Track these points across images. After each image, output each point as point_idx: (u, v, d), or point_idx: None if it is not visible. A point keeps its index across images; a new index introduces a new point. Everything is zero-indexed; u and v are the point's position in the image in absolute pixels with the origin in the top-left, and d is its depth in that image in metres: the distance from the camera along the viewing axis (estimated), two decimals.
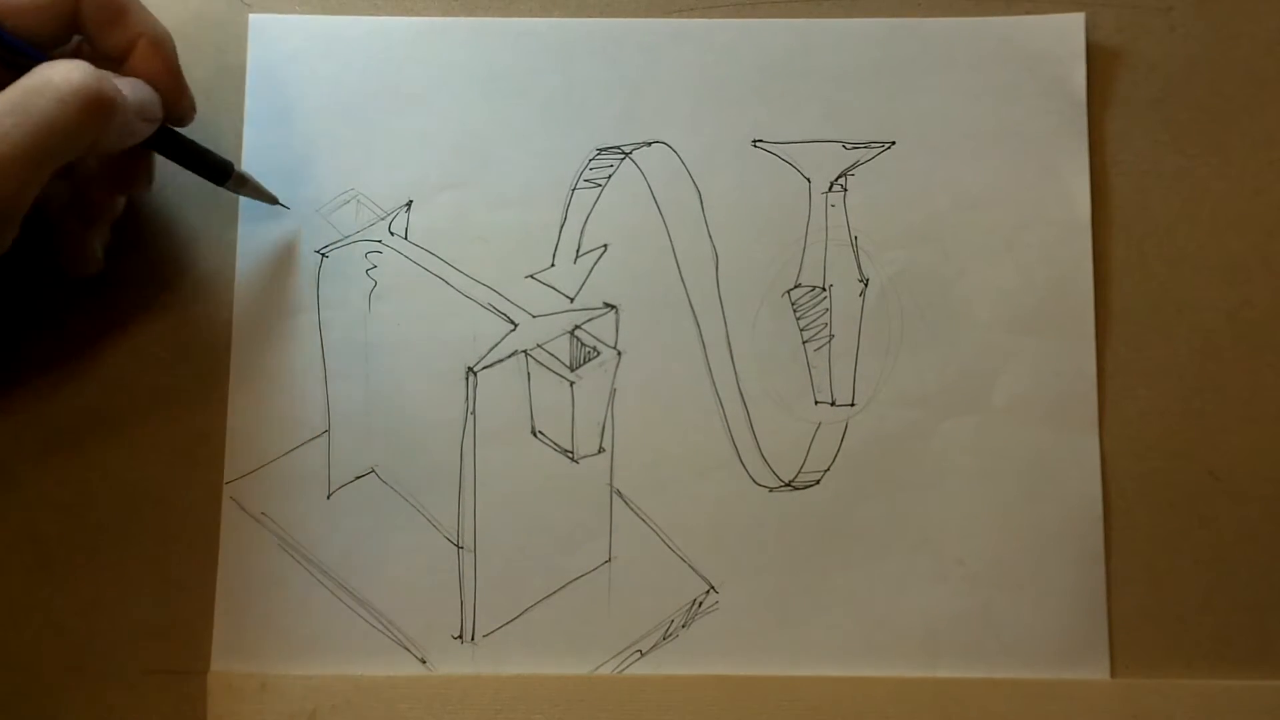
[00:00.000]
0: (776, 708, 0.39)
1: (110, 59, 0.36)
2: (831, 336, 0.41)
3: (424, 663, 0.39)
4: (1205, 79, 0.42)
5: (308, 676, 0.39)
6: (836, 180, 0.41)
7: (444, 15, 0.42)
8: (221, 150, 0.40)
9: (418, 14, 0.42)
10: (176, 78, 0.37)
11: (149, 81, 0.36)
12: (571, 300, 0.41)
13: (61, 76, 0.33)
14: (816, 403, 0.41)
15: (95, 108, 0.33)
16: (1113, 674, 0.39)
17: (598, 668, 0.39)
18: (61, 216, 0.38)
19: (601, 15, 0.42)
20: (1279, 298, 0.41)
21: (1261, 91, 0.42)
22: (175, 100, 0.37)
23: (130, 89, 0.35)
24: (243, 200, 0.41)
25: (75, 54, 0.37)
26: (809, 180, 0.41)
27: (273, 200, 0.41)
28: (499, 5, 0.42)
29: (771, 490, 0.40)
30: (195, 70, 0.42)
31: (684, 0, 0.42)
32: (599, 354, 0.41)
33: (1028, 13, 0.42)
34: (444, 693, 0.39)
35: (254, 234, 0.41)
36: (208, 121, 0.41)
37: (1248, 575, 0.40)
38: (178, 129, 0.38)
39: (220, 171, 0.39)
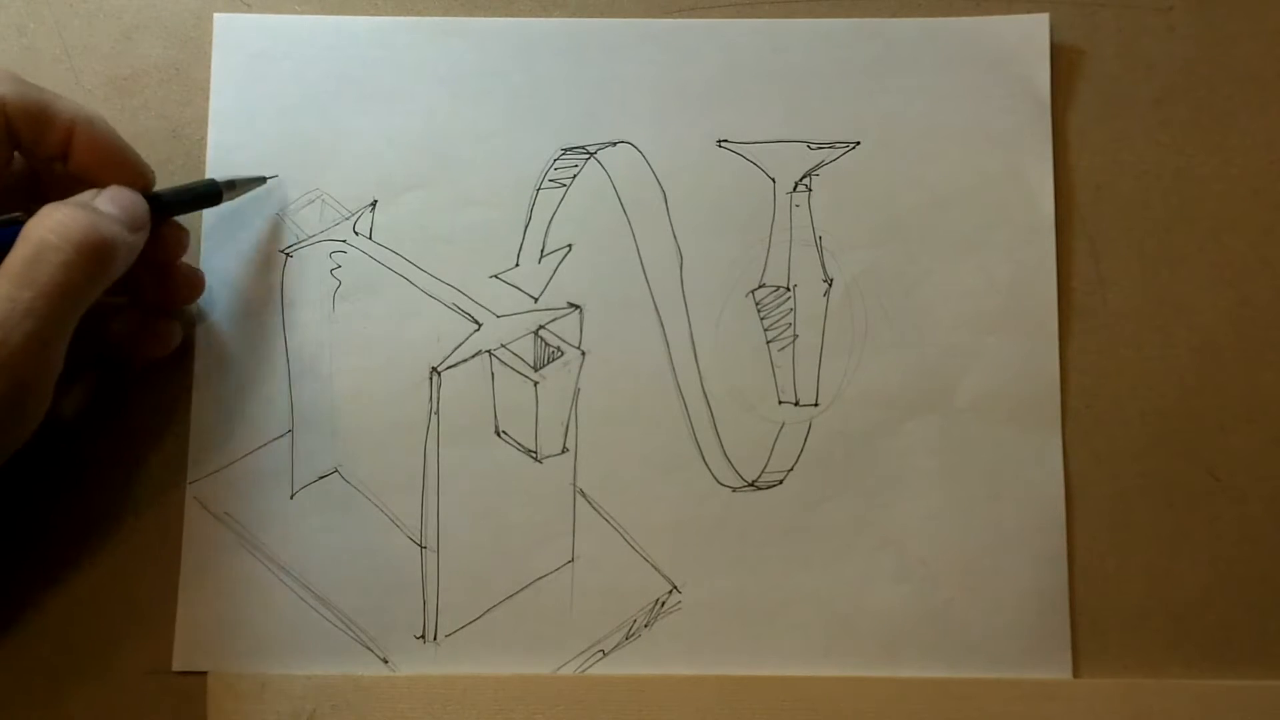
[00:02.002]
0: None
1: (50, 158, 0.36)
2: (795, 336, 0.41)
3: (386, 662, 0.39)
4: (1205, 79, 0.42)
5: (308, 676, 0.39)
6: (801, 180, 0.41)
7: (444, 15, 0.42)
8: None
9: (417, 14, 0.42)
10: (124, 150, 0.36)
11: (98, 165, 0.36)
12: (536, 300, 0.41)
13: (58, 235, 0.32)
14: (780, 403, 0.41)
15: (100, 255, 0.33)
16: (1075, 673, 0.39)
17: (560, 667, 0.39)
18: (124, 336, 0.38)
19: (602, 15, 0.42)
20: (1278, 298, 0.41)
21: (1261, 91, 0.42)
22: (133, 173, 0.37)
23: (112, 204, 0.34)
24: None
25: (18, 175, 0.36)
26: (774, 180, 0.41)
27: (261, 180, 0.40)
28: (499, 5, 0.42)
29: (735, 490, 0.40)
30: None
31: (684, 0, 0.42)
32: (563, 354, 0.41)
33: (999, 13, 0.42)
34: (444, 693, 0.39)
35: (218, 233, 0.41)
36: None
37: (1247, 575, 0.40)
38: (163, 190, 0.38)
39: (212, 196, 0.39)
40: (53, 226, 0.32)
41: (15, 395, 0.32)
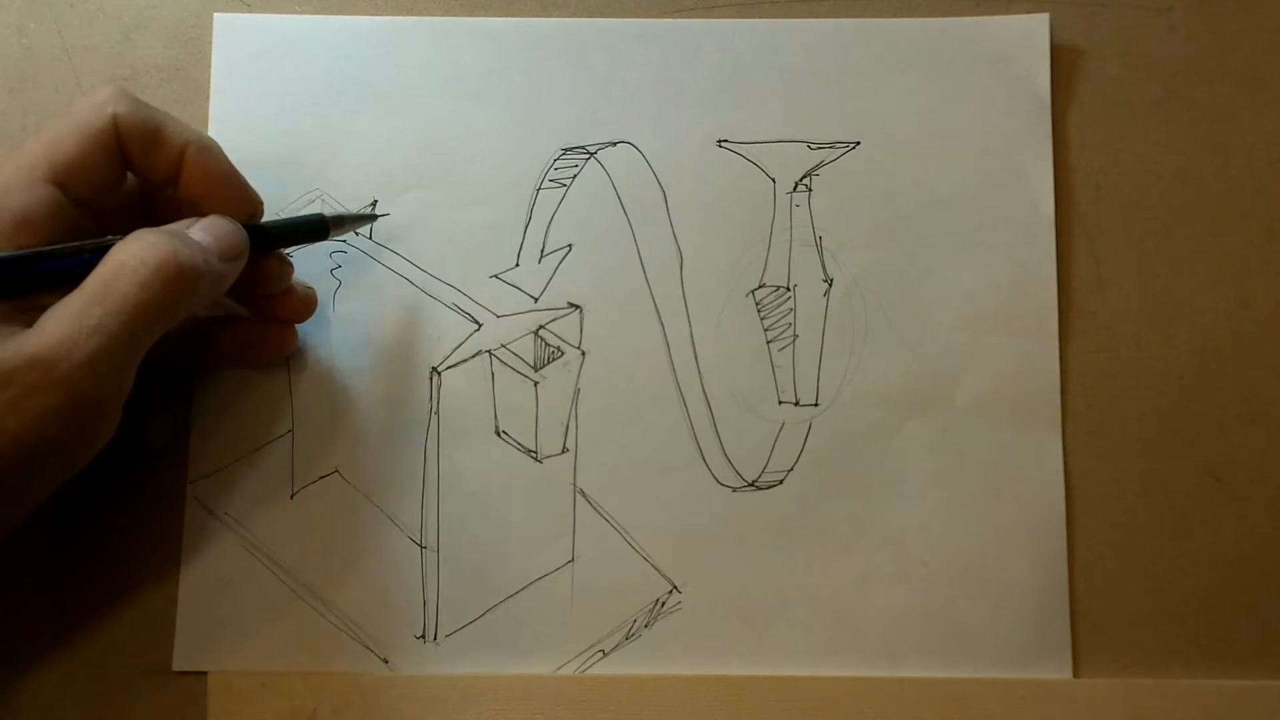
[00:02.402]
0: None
1: (162, 182, 0.36)
2: (795, 336, 0.41)
3: (386, 662, 0.39)
4: (1205, 79, 0.42)
5: (308, 676, 0.39)
6: (801, 180, 0.41)
7: (444, 15, 0.42)
8: None
9: (418, 14, 0.42)
10: (234, 179, 0.36)
11: (208, 191, 0.36)
12: (536, 300, 0.41)
13: (136, 258, 0.32)
14: (780, 403, 0.41)
15: (179, 281, 0.32)
16: (1075, 673, 0.39)
17: (560, 667, 0.39)
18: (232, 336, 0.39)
19: (602, 15, 0.42)
20: (1279, 298, 0.41)
21: (1261, 91, 0.42)
22: (242, 200, 0.37)
23: (205, 234, 0.34)
24: None
25: (130, 196, 0.36)
26: (774, 180, 0.41)
27: (373, 218, 0.40)
28: (499, 5, 0.42)
29: (735, 490, 0.40)
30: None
31: (684, 0, 0.42)
32: (563, 354, 0.41)
33: (999, 13, 0.42)
34: (444, 693, 0.39)
35: None
36: None
37: (1247, 575, 0.40)
38: (268, 221, 0.38)
39: (319, 230, 0.38)
40: (133, 250, 0.32)
41: (73, 412, 0.31)
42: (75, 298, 0.31)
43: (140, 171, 0.36)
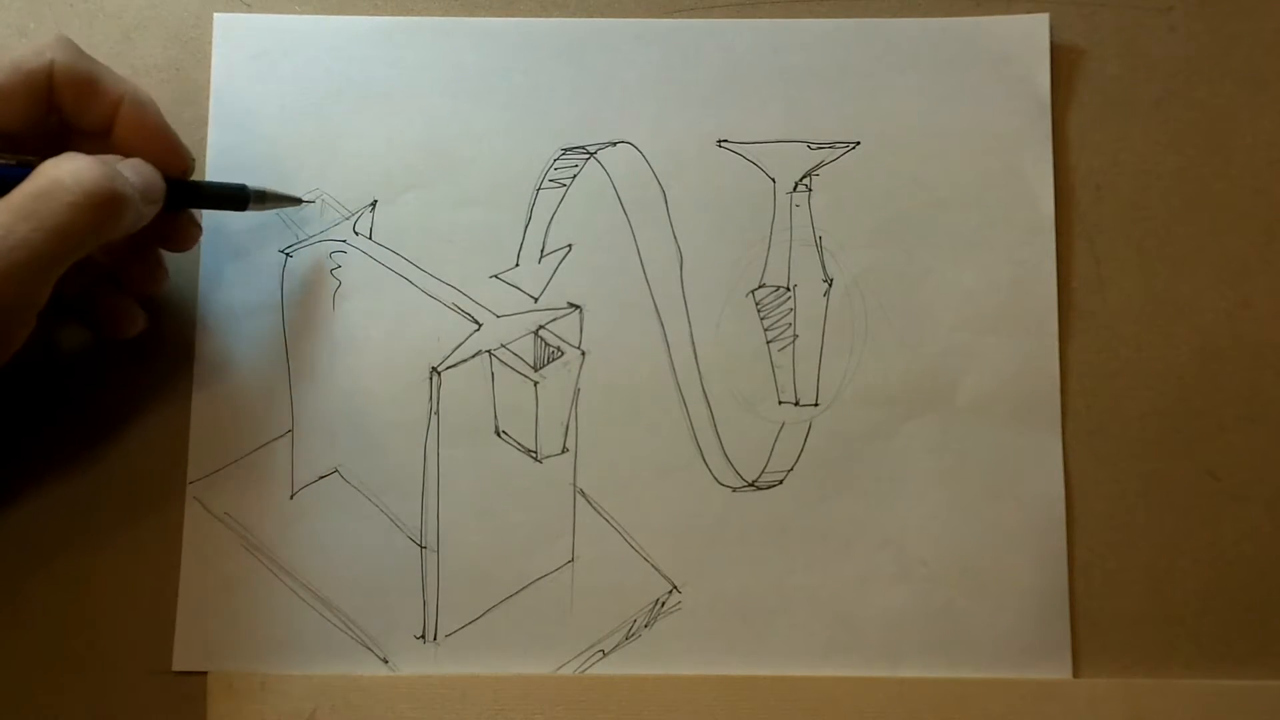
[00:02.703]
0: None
1: (95, 132, 0.36)
2: (795, 336, 0.41)
3: (386, 662, 0.39)
4: (1205, 79, 0.42)
5: (308, 676, 0.39)
6: (801, 180, 0.41)
7: (444, 15, 0.42)
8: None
9: (418, 14, 0.42)
10: (167, 135, 0.37)
11: (141, 145, 0.36)
12: (536, 300, 0.41)
13: (72, 178, 0.32)
14: (780, 403, 0.41)
15: (109, 207, 0.33)
16: (1075, 673, 0.39)
17: (560, 667, 0.39)
18: (95, 289, 0.38)
19: (602, 15, 0.42)
20: (1279, 298, 0.41)
21: (1261, 91, 0.42)
22: (172, 157, 0.37)
23: (132, 173, 0.35)
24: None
25: (56, 135, 0.36)
26: (774, 180, 0.41)
27: (297, 201, 0.40)
28: (499, 5, 0.42)
29: (735, 490, 0.40)
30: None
31: (684, 0, 0.42)
32: (563, 354, 0.41)
33: (999, 13, 0.42)
34: (444, 693, 0.39)
35: (218, 233, 0.41)
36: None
37: (1247, 575, 0.40)
38: (191, 180, 0.38)
39: (238, 199, 0.38)
40: (69, 169, 0.33)
41: None
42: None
43: (73, 118, 0.36)
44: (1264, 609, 0.40)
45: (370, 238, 0.41)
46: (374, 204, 0.41)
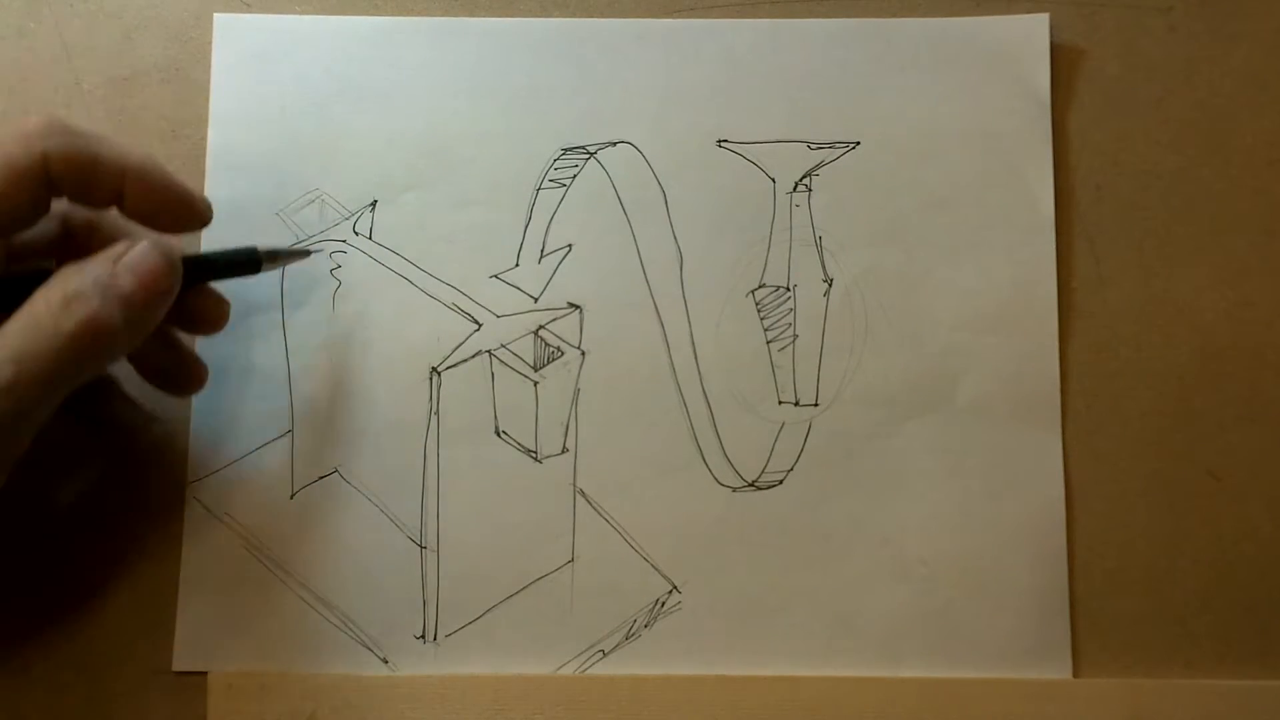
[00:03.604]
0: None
1: (105, 206, 0.35)
2: (795, 336, 0.41)
3: (386, 662, 0.39)
4: (1205, 79, 0.42)
5: (308, 676, 0.39)
6: (801, 180, 0.41)
7: (444, 15, 0.42)
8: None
9: (418, 14, 0.42)
10: (179, 194, 0.36)
11: (154, 210, 0.35)
12: (536, 300, 0.41)
13: (53, 318, 0.32)
14: (780, 403, 0.41)
15: (93, 342, 0.32)
16: (1075, 673, 0.39)
17: (560, 667, 0.39)
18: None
19: (602, 15, 0.42)
20: (1279, 298, 0.41)
21: (1261, 91, 0.42)
22: (188, 214, 0.36)
23: (129, 276, 0.33)
24: None
25: (50, 219, 0.35)
26: (774, 180, 0.41)
27: (306, 254, 0.40)
28: (499, 5, 0.42)
29: (735, 490, 0.40)
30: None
31: (684, 0, 0.42)
32: (563, 354, 0.41)
33: (999, 13, 0.42)
34: (444, 693, 0.39)
35: (217, 233, 0.41)
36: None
37: (1247, 575, 0.40)
38: (201, 254, 0.38)
39: (251, 265, 0.38)
40: (51, 309, 0.32)
41: None
42: None
43: (79, 200, 0.35)
44: (1264, 609, 0.40)
45: (370, 238, 0.41)
46: (374, 204, 0.41)
